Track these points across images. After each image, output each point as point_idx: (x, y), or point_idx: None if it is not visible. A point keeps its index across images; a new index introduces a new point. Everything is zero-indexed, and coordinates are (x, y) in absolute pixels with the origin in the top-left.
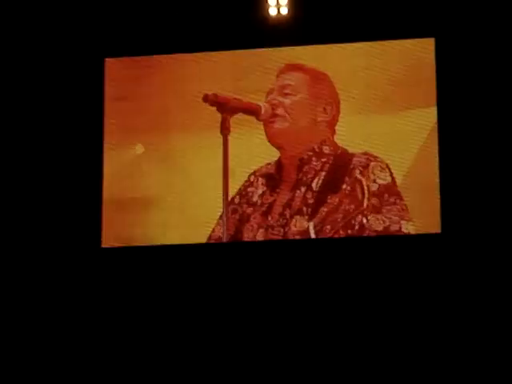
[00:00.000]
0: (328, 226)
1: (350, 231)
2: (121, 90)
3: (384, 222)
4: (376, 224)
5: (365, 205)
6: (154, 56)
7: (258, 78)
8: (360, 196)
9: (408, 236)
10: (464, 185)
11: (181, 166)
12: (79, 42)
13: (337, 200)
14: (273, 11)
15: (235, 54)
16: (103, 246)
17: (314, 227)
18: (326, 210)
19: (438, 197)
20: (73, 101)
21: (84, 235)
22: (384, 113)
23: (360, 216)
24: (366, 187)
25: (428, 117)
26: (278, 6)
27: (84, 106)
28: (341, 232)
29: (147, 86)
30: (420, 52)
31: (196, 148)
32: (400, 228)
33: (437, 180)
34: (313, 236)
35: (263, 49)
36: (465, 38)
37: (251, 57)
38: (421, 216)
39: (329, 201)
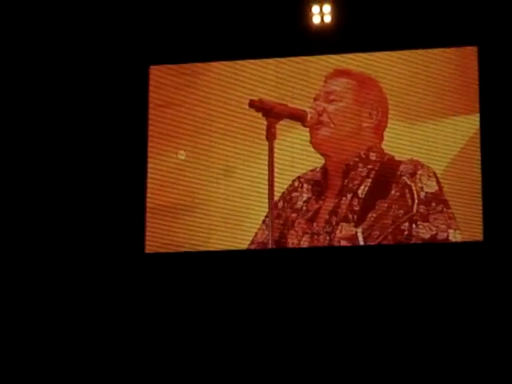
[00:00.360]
0: (376, 232)
1: (399, 237)
2: (165, 97)
3: (431, 230)
4: (423, 232)
5: (414, 210)
6: (199, 63)
7: (300, 85)
8: (410, 201)
9: (449, 244)
10: (507, 192)
11: (224, 172)
12: (124, 49)
13: (385, 205)
14: (316, 19)
15: (279, 61)
16: (147, 251)
17: (363, 233)
18: (374, 215)
19: (481, 204)
20: (118, 108)
21: (128, 241)
22: (427, 120)
23: (409, 222)
24: (415, 192)
25: (471, 124)
26: (322, 14)
27: (129, 112)
28: (389, 238)
29: (191, 93)
30: (463, 60)
31: (239, 154)
32: (447, 236)
33: (479, 187)
34: (361, 242)
35: (306, 57)
36: (508, 46)
37: (295, 64)
38: (463, 224)
39: (377, 206)
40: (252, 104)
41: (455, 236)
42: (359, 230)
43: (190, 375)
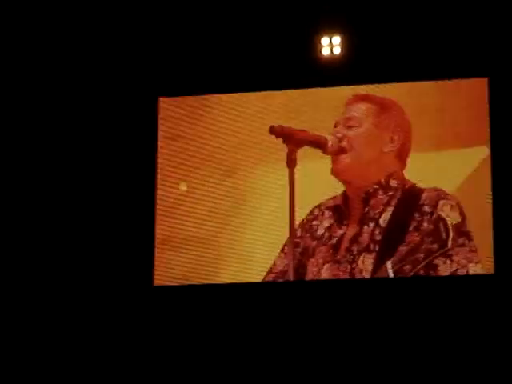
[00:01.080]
0: (408, 266)
1: (431, 272)
2: (174, 129)
3: (451, 267)
4: (443, 268)
5: (449, 245)
6: (208, 95)
7: (311, 117)
8: (444, 235)
9: (460, 277)
10: None
11: (235, 204)
12: (133, 80)
13: (418, 238)
14: (326, 51)
15: (288, 93)
16: (155, 284)
17: (392, 267)
18: (405, 248)
19: (492, 237)
20: (126, 139)
21: (136, 274)
22: (437, 150)
23: (443, 256)
24: (450, 227)
25: (479, 156)
26: (331, 46)
27: (137, 144)
28: (421, 272)
29: (201, 125)
30: (474, 91)
31: (249, 185)
32: (467, 272)
33: (490, 219)
34: (391, 275)
35: (316, 88)
36: None
37: (304, 96)
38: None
39: (408, 239)
40: (272, 130)
41: (476, 271)
42: (388, 263)
43: None
